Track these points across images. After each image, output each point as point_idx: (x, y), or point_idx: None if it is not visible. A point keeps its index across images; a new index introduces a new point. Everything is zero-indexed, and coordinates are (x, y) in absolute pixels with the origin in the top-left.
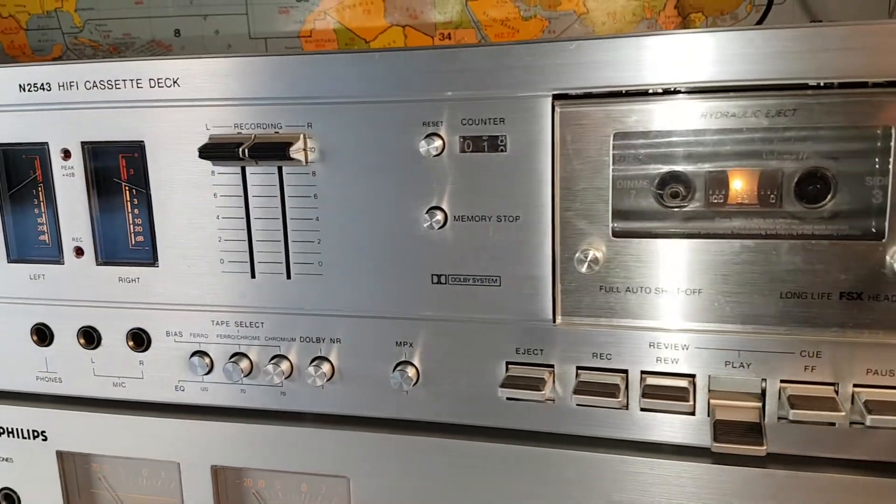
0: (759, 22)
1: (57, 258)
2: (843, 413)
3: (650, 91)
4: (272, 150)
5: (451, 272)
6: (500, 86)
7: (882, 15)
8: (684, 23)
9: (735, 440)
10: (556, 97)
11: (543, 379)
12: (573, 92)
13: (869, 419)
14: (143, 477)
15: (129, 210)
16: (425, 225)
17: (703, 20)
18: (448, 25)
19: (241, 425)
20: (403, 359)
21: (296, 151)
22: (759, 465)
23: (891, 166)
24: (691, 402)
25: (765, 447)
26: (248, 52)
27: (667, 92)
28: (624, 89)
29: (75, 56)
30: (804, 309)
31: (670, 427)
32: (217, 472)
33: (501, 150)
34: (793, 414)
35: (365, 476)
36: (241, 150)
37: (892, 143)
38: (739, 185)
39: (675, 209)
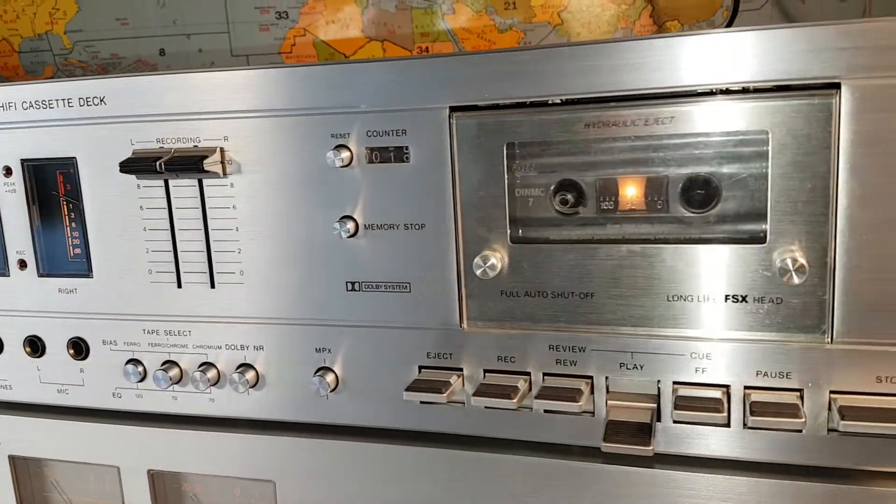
0: (728, 26)
1: (3, 271)
2: (723, 414)
3: (538, 102)
4: (187, 164)
5: (363, 279)
6: (402, 99)
7: (858, 17)
8: (660, 31)
9: (623, 440)
10: (452, 109)
11: (448, 382)
12: (468, 104)
13: (751, 420)
14: (91, 481)
15: (67, 224)
16: (337, 234)
17: (679, 27)
18: (426, 39)
19: (174, 431)
20: (323, 364)
21: (211, 164)
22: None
23: (769, 171)
24: (581, 403)
25: (651, 447)
26: (231, 67)
27: (554, 103)
28: (513, 101)
29: (66, 76)
30: (691, 311)
31: (570, 427)
32: (154, 477)
33: (406, 161)
34: (675, 415)
35: (290, 480)
36: (158, 163)
37: (769, 148)
38: (628, 191)
39: (569, 216)
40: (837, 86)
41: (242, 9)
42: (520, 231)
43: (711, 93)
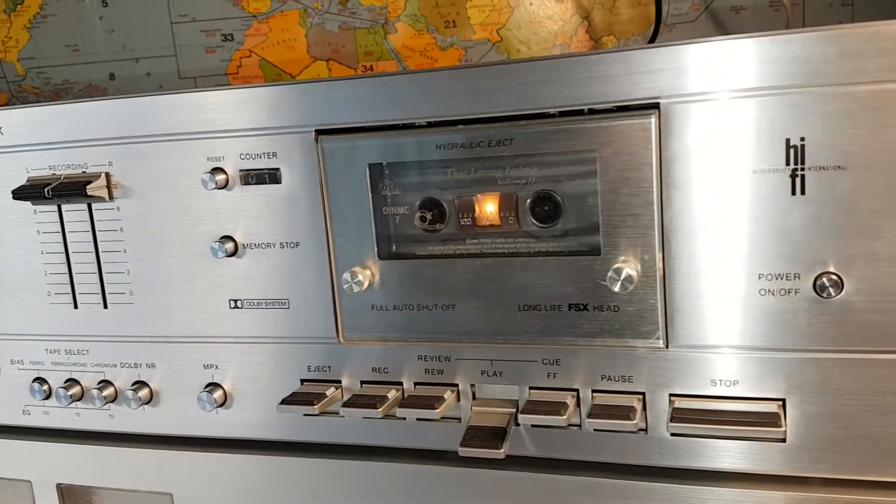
0: (651, 40)
1: None
2: (564, 416)
3: (394, 125)
4: (73, 189)
5: (245, 297)
6: (272, 123)
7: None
8: (596, 46)
9: (477, 444)
10: (318, 132)
11: (322, 394)
12: (332, 127)
13: (587, 422)
14: (8, 495)
15: None
16: (218, 253)
17: (615, 43)
18: (370, 58)
19: (79, 446)
20: (211, 381)
21: (95, 189)
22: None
23: (598, 187)
24: (440, 410)
25: (503, 451)
26: (179, 90)
27: (406, 126)
28: (372, 124)
29: (20, 103)
30: (540, 320)
31: (442, 433)
32: (63, 490)
33: (278, 182)
34: (522, 418)
35: (187, 492)
36: (46, 190)
37: (598, 167)
38: (484, 209)
39: (431, 232)
40: (657, 106)
41: (188, 32)
42: (387, 247)
43: (549, 115)
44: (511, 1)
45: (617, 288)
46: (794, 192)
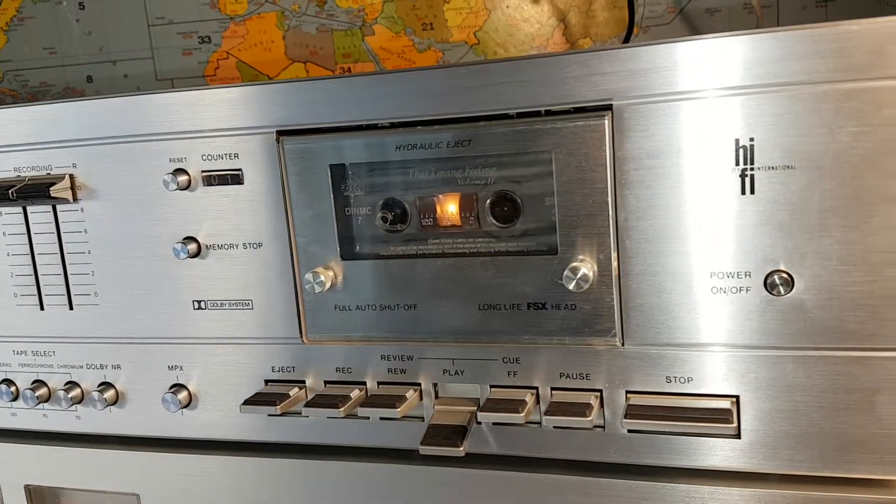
0: (624, 42)
1: None
2: (522, 414)
3: (355, 126)
4: (36, 191)
5: (209, 298)
6: (234, 124)
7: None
8: (573, 48)
9: (438, 442)
10: (279, 133)
11: (285, 394)
12: (293, 128)
13: (545, 420)
14: None
15: None
16: (181, 255)
17: (591, 45)
18: (347, 59)
19: (48, 447)
20: (176, 381)
21: (59, 191)
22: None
23: (554, 188)
24: (401, 409)
25: (462, 449)
26: (75, 98)
27: (367, 127)
28: (333, 125)
29: None
30: (500, 319)
31: (405, 432)
32: (31, 492)
33: (241, 183)
34: (480, 416)
35: (153, 493)
36: (10, 192)
37: (553, 168)
38: (445, 209)
39: (393, 233)
40: (610, 107)
41: (165, 35)
42: (349, 248)
43: (507, 116)
44: (488, 3)
45: (573, 287)
46: (743, 192)
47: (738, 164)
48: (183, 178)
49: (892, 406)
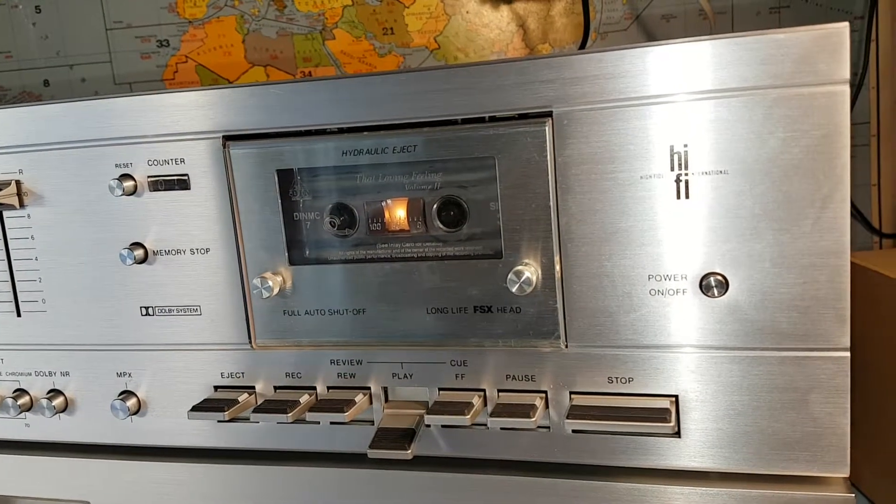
0: (580, 48)
1: None
2: (468, 416)
3: (301, 131)
4: None
5: (156, 304)
6: (180, 129)
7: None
8: (532, 54)
9: (386, 446)
10: (225, 138)
11: (234, 400)
12: (239, 133)
13: (490, 421)
14: None
15: None
16: (127, 260)
17: (550, 51)
18: (308, 63)
19: None
20: (125, 388)
21: (6, 196)
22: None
23: (498, 192)
24: (349, 413)
25: (410, 452)
26: (18, 104)
27: (314, 132)
28: (279, 130)
29: None
30: (447, 322)
31: (355, 436)
32: None
33: (187, 189)
34: (428, 419)
35: (104, 500)
36: None
37: (496, 173)
38: (392, 213)
39: (341, 237)
40: (550, 114)
41: (123, 39)
42: (298, 253)
43: (455, 122)
44: (448, 9)
45: (516, 290)
46: (678, 197)
47: (672, 169)
48: (129, 184)
49: (825, 405)
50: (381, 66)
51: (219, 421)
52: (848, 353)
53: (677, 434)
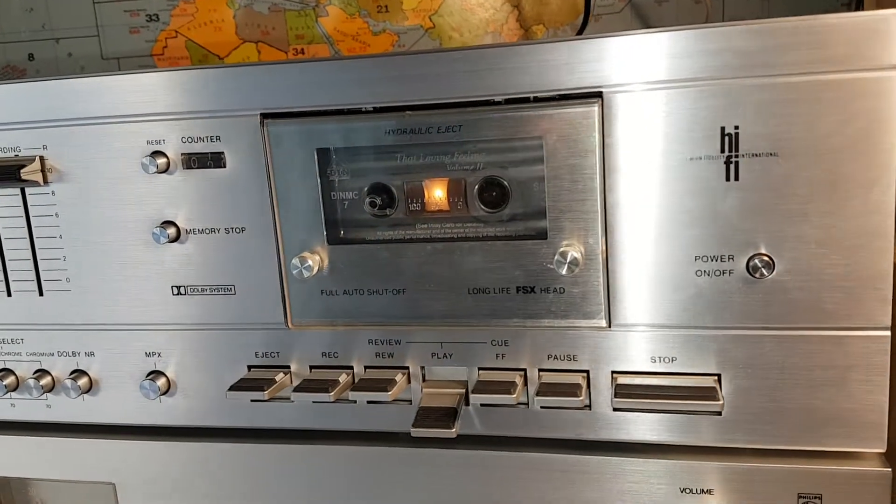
0: (580, 32)
1: None
2: (514, 395)
3: (343, 110)
4: (5, 173)
5: (188, 283)
6: (215, 106)
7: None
8: (527, 35)
9: (430, 425)
10: (263, 116)
11: (272, 379)
12: (278, 111)
13: (536, 400)
14: None
15: None
16: (161, 239)
17: (544, 32)
18: (301, 41)
19: (14, 437)
20: (154, 368)
21: (29, 173)
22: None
23: (545, 173)
24: (393, 392)
25: (454, 430)
26: (43, 77)
27: (359, 110)
28: (321, 108)
29: None
30: (489, 302)
31: (393, 415)
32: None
33: (223, 166)
34: (473, 398)
35: (129, 481)
36: None
37: (544, 153)
38: (433, 194)
39: (381, 217)
40: (600, 94)
41: (111, 12)
42: (336, 232)
43: (499, 103)
44: None
45: (563, 271)
46: (728, 178)
47: (723, 151)
48: (161, 161)
49: (864, 383)
50: (375, 44)
51: (256, 400)
52: (889, 333)
53: (718, 412)
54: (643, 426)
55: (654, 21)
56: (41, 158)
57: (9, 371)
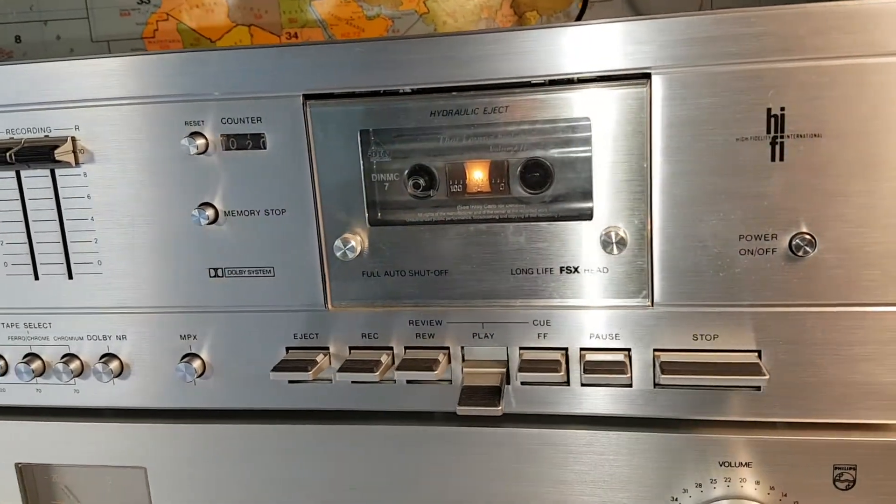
0: (578, 18)
1: None
2: (561, 374)
3: (388, 91)
4: (38, 154)
5: (226, 265)
6: (256, 87)
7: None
8: (520, 21)
9: (475, 403)
10: (306, 97)
11: (314, 360)
12: (321, 92)
13: (583, 378)
14: None
15: None
16: (196, 221)
17: (538, 18)
18: (294, 25)
19: (41, 423)
20: (189, 351)
21: (62, 154)
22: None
23: (592, 154)
24: (438, 371)
25: (500, 408)
26: (79, 56)
27: (403, 91)
28: (365, 89)
29: None
30: (533, 283)
31: (431, 395)
32: (23, 470)
33: (263, 148)
34: (520, 377)
35: (161, 465)
36: (8, 155)
37: (591, 133)
38: (474, 175)
39: (422, 199)
40: (648, 76)
41: None
42: (377, 214)
43: (542, 84)
44: None
45: (610, 251)
46: (773, 159)
47: (769, 132)
48: (200, 142)
49: None
50: (370, 29)
51: (299, 381)
52: None
53: (757, 388)
54: (685, 402)
55: (645, 9)
56: (73, 139)
57: (35, 356)
